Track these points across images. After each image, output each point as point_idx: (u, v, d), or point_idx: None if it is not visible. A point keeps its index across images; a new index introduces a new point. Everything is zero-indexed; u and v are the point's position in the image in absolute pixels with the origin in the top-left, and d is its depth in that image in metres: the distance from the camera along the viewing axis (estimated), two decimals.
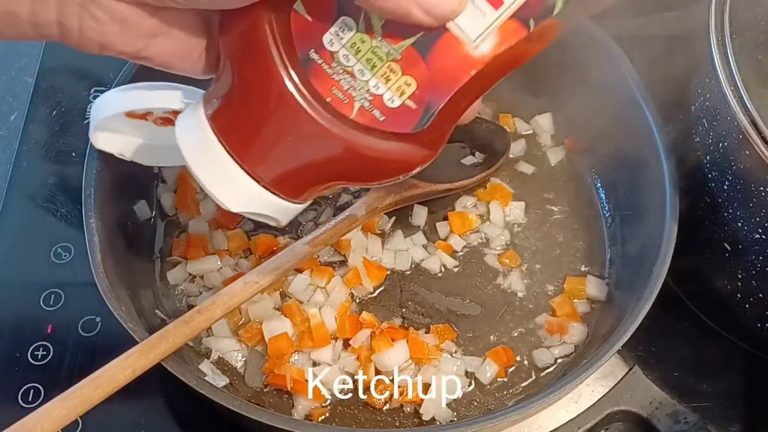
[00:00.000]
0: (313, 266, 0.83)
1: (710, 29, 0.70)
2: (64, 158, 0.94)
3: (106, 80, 0.98)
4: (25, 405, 0.77)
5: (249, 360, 0.79)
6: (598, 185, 0.92)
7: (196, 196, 0.88)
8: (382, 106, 0.52)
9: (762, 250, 0.72)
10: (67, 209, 0.90)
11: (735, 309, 0.79)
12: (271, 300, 0.81)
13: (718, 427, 0.79)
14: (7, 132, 0.97)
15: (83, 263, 0.73)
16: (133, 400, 0.74)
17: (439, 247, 0.86)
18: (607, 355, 0.68)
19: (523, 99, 0.98)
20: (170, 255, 0.85)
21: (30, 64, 1.02)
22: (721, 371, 0.83)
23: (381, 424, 0.76)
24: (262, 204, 0.55)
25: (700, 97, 0.76)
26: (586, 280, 0.85)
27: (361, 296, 0.83)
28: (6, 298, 0.84)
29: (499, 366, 0.79)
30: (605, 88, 0.87)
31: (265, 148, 0.53)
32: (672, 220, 0.75)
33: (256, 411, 0.66)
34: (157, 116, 0.68)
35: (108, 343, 0.80)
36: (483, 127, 0.95)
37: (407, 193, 0.86)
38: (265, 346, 0.78)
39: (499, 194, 0.90)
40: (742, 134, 0.67)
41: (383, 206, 0.84)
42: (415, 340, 0.79)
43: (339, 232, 0.80)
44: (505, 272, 0.86)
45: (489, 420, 0.66)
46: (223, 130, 0.54)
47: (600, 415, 0.73)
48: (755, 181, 0.69)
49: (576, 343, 0.81)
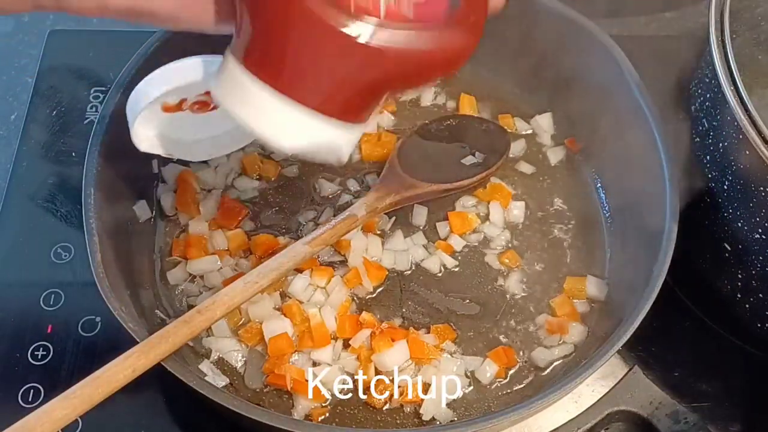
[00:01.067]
0: (313, 266, 0.83)
1: (710, 29, 0.70)
2: (64, 158, 0.94)
3: (106, 80, 0.98)
4: (25, 405, 0.77)
5: (249, 360, 0.79)
6: (598, 185, 0.92)
7: (196, 196, 0.88)
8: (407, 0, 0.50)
9: (762, 250, 0.72)
10: (67, 209, 0.90)
11: (735, 309, 0.79)
12: (271, 300, 0.81)
13: (718, 427, 0.79)
14: (7, 132, 0.97)
15: (83, 263, 0.73)
16: (133, 400, 0.74)
17: (439, 247, 0.86)
18: (607, 355, 0.68)
19: (523, 99, 0.98)
20: (170, 255, 0.85)
21: (30, 64, 1.02)
22: (721, 371, 0.83)
23: (381, 424, 0.76)
24: (320, 133, 0.53)
25: (700, 97, 0.76)
26: (586, 280, 0.85)
27: (361, 296, 0.83)
28: (6, 298, 0.84)
29: (499, 366, 0.79)
30: (605, 88, 0.87)
31: (303, 72, 0.51)
32: (672, 220, 0.75)
33: (256, 411, 0.66)
34: (191, 101, 0.67)
35: (108, 343, 0.80)
36: (483, 127, 0.95)
37: (407, 193, 0.86)
38: (265, 346, 0.78)
39: (499, 194, 0.90)
40: (742, 134, 0.67)
41: (383, 206, 0.84)
42: (415, 340, 0.79)
43: (339, 232, 0.80)
44: (505, 272, 0.86)
45: (489, 420, 0.67)
46: (258, 68, 0.52)
47: (600, 415, 0.73)
48: (755, 181, 0.69)
49: (576, 343, 0.81)
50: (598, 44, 0.87)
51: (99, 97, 0.98)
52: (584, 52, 0.88)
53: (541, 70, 0.94)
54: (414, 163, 0.89)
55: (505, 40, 0.93)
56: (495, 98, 0.98)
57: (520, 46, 0.92)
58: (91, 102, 0.98)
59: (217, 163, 0.90)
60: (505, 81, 0.98)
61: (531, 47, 0.92)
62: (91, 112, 0.97)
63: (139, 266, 0.83)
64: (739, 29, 0.72)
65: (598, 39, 0.87)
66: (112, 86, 0.80)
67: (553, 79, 0.93)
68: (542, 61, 0.93)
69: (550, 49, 0.91)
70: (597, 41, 0.87)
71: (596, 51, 0.87)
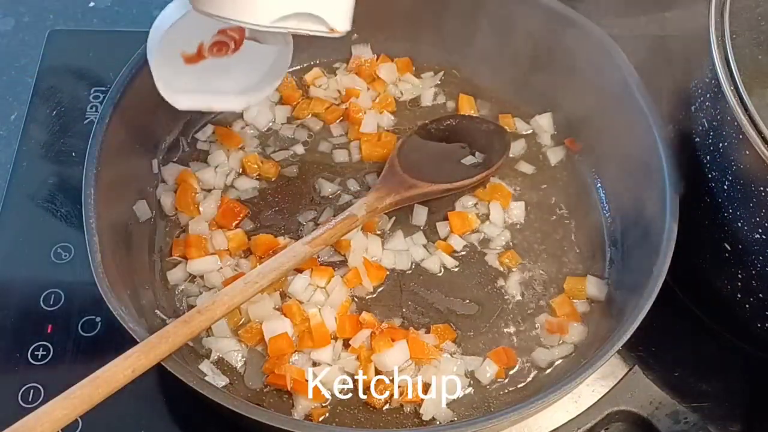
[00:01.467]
0: (313, 266, 0.83)
1: (710, 29, 0.70)
2: (64, 158, 0.94)
3: (106, 80, 0.98)
4: (25, 405, 0.77)
5: (249, 360, 0.79)
6: (598, 185, 0.92)
7: (196, 196, 0.88)
8: None
9: (762, 250, 0.72)
10: (67, 209, 0.90)
11: (735, 309, 0.79)
12: (271, 300, 0.81)
13: (718, 427, 0.79)
14: (7, 132, 0.97)
15: (83, 263, 0.72)
16: (133, 400, 0.74)
17: (439, 247, 0.86)
18: (607, 355, 0.68)
19: (523, 99, 0.98)
20: (170, 255, 0.85)
21: (30, 64, 1.02)
22: (721, 371, 0.83)
23: (381, 424, 0.76)
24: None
25: (700, 97, 0.76)
26: (586, 280, 0.85)
27: (361, 296, 0.83)
28: (6, 298, 0.84)
29: (499, 366, 0.79)
30: (605, 88, 0.87)
31: None
32: (672, 220, 0.75)
33: (256, 411, 0.66)
34: (209, 45, 0.67)
35: (108, 343, 0.80)
36: (483, 127, 0.95)
37: (407, 193, 0.86)
38: (265, 346, 0.78)
39: (499, 194, 0.90)
40: (742, 134, 0.67)
41: (383, 206, 0.84)
42: (415, 340, 0.79)
43: (339, 232, 0.80)
44: (505, 272, 0.86)
45: (489, 420, 0.67)
46: None
47: (600, 415, 0.73)
48: (755, 181, 0.69)
49: (576, 343, 0.81)
50: (598, 44, 0.87)
51: (99, 97, 0.98)
52: (584, 52, 0.88)
53: (541, 70, 0.94)
54: (414, 163, 0.89)
55: (505, 40, 0.93)
56: (495, 98, 0.98)
57: (521, 46, 0.92)
58: (91, 102, 0.98)
59: (217, 163, 0.90)
60: (505, 81, 0.98)
61: (531, 47, 0.92)
62: (91, 112, 0.97)
63: (139, 266, 0.83)
64: (739, 29, 0.72)
65: (598, 39, 0.87)
66: (112, 86, 0.80)
67: (553, 79, 0.93)
68: (542, 61, 0.93)
69: (550, 49, 0.91)
70: (597, 41, 0.87)
71: (596, 51, 0.87)
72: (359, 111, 0.95)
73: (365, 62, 0.99)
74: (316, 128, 0.95)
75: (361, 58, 0.99)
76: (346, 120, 0.96)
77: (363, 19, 0.98)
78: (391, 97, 0.98)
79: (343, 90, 0.98)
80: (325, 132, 0.95)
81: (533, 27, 0.90)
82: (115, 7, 1.09)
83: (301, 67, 0.99)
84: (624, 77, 0.84)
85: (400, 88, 0.99)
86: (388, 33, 1.00)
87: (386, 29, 0.99)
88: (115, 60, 0.86)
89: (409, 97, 0.99)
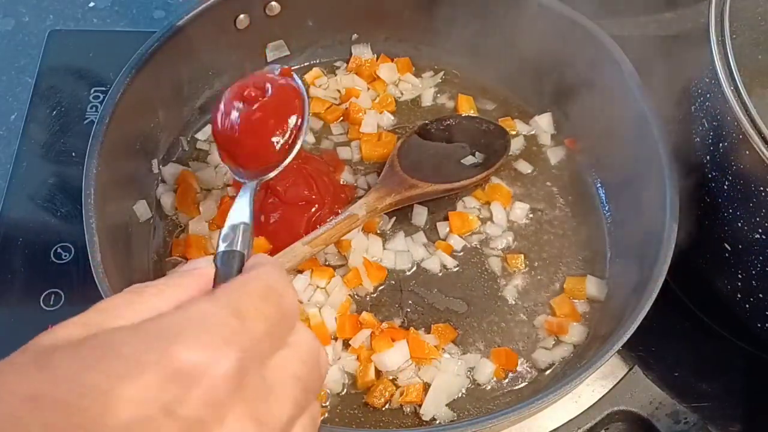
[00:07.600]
0: (313, 266, 0.83)
1: (710, 29, 0.70)
2: (64, 158, 0.94)
3: (106, 80, 0.98)
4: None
5: None
6: (598, 185, 0.92)
7: (196, 196, 0.88)
8: None
9: (762, 250, 0.72)
10: (67, 209, 0.90)
11: (735, 309, 0.79)
12: None
13: (718, 427, 0.79)
14: (7, 132, 0.97)
15: (83, 263, 0.72)
16: None
17: (439, 247, 0.86)
18: (607, 355, 0.68)
19: (523, 99, 0.98)
20: (170, 255, 0.85)
21: (30, 64, 1.02)
22: (721, 371, 0.83)
23: (381, 424, 0.76)
24: None
25: (700, 97, 0.76)
26: (586, 280, 0.85)
27: (361, 296, 0.83)
28: (6, 299, 0.84)
29: (498, 366, 0.79)
30: (605, 88, 0.87)
31: None
32: (672, 220, 0.75)
33: None
34: None
35: None
36: (483, 127, 0.95)
37: (407, 193, 0.86)
38: None
39: (499, 194, 0.90)
40: (742, 134, 0.67)
41: (383, 206, 0.84)
42: (415, 340, 0.79)
43: (339, 232, 0.80)
44: (505, 272, 0.86)
45: (489, 420, 0.66)
46: None
47: (600, 415, 0.73)
48: (755, 181, 0.69)
49: (576, 343, 0.81)
50: (598, 44, 0.87)
51: (99, 97, 0.98)
52: (584, 52, 0.88)
53: (541, 70, 0.94)
54: (414, 163, 0.89)
55: (504, 40, 0.93)
56: (495, 98, 0.98)
57: (520, 46, 0.92)
58: (91, 102, 0.98)
59: (217, 163, 0.90)
60: (504, 81, 0.98)
61: (531, 47, 0.92)
62: (91, 112, 0.97)
63: (139, 266, 0.82)
64: (739, 29, 0.72)
65: (598, 39, 0.87)
66: (112, 86, 0.80)
67: (553, 79, 0.93)
68: (542, 61, 0.93)
69: (550, 49, 0.91)
70: (597, 41, 0.87)
71: (596, 51, 0.87)
72: (359, 111, 0.95)
73: (365, 62, 0.99)
74: (316, 128, 0.96)
75: (361, 58, 0.99)
76: (346, 120, 0.96)
77: (363, 19, 0.99)
78: (391, 97, 0.98)
79: (343, 90, 0.98)
80: (325, 131, 0.95)
81: (533, 27, 0.90)
82: (115, 7, 1.09)
83: (300, 66, 0.99)
84: (624, 77, 0.84)
85: (400, 88, 0.99)
86: (388, 33, 1.00)
87: (386, 29, 0.99)
88: (115, 60, 0.86)
89: (409, 97, 0.99)
